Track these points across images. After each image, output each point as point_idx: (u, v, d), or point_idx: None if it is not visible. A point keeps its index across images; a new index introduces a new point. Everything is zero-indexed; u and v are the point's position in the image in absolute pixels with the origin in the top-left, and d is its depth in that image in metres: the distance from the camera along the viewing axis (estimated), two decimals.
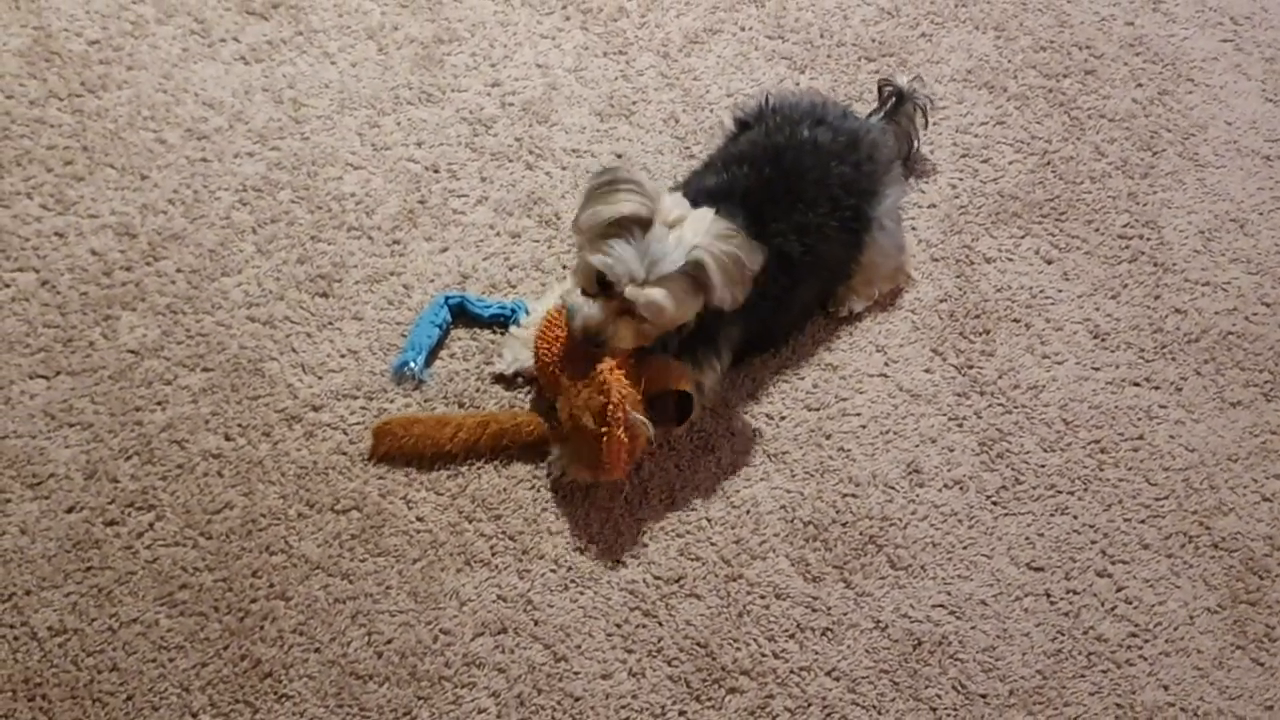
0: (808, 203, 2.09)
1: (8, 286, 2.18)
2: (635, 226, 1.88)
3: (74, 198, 2.29)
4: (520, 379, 2.15)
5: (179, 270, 2.22)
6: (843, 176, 2.14)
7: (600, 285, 1.92)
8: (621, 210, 1.87)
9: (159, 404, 2.08)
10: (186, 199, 2.31)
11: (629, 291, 1.88)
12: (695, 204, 1.95)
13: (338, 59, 2.53)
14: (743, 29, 2.67)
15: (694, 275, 1.89)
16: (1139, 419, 2.17)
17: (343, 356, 2.14)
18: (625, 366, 1.95)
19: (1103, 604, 1.98)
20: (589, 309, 1.93)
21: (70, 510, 1.97)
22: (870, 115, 2.39)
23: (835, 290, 2.26)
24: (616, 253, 1.87)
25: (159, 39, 2.53)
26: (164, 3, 2.58)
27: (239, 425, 2.06)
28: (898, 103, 2.39)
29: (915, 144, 2.43)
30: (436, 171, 2.39)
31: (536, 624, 1.91)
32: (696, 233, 1.89)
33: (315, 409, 2.08)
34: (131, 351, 2.13)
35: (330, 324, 2.18)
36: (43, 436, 2.03)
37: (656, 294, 1.88)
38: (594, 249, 1.90)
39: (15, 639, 1.85)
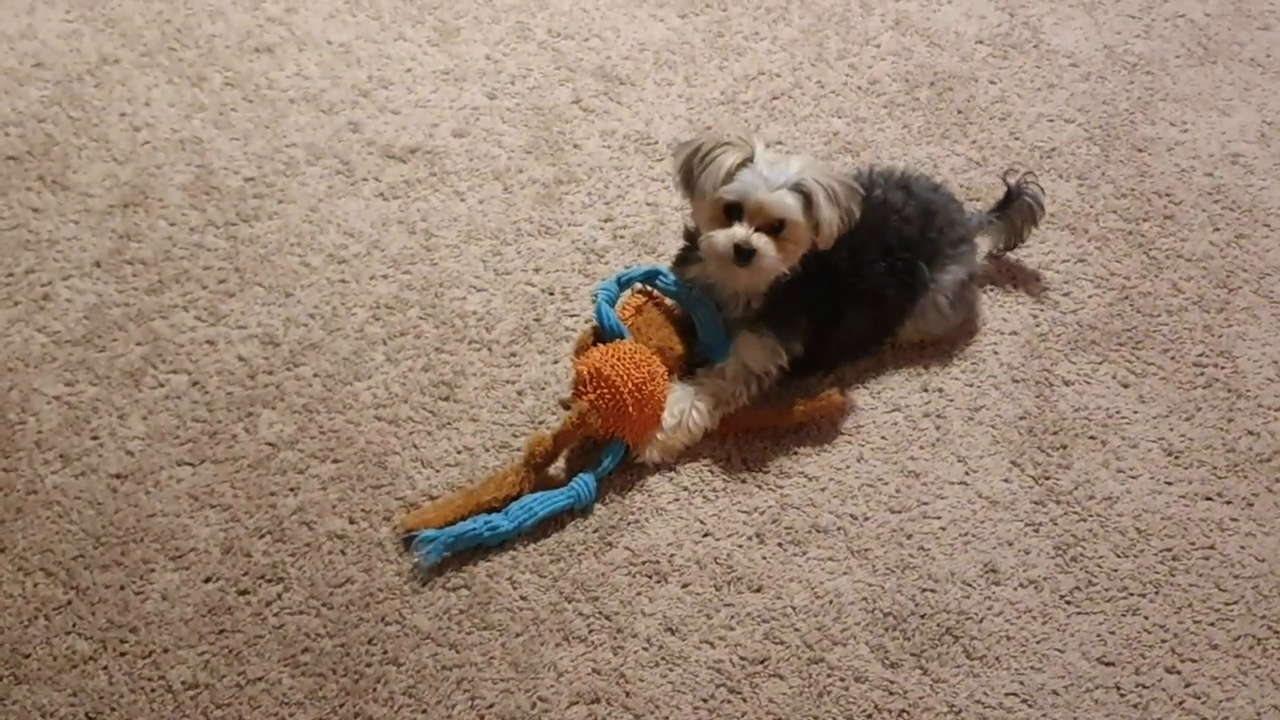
0: (860, 243, 2.33)
1: (162, 386, 2.42)
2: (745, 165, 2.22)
3: (225, 311, 2.54)
4: None
5: (316, 375, 2.44)
6: (902, 233, 2.40)
7: (729, 216, 2.24)
8: (730, 161, 2.21)
9: (291, 490, 2.27)
10: (325, 314, 2.55)
11: (763, 197, 2.19)
12: None
13: (467, 196, 2.78)
14: None
15: (805, 194, 2.19)
16: (1210, 530, 2.25)
17: (459, 453, 2.33)
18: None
19: (1171, 698, 2.05)
20: (734, 229, 2.22)
21: (207, 580, 2.16)
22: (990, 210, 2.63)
23: (894, 329, 2.48)
24: (742, 178, 2.20)
25: (308, 177, 2.81)
26: (314, 147, 2.87)
27: (363, 510, 2.25)
28: (1007, 199, 2.58)
29: (1024, 238, 2.62)
30: (552, 294, 2.60)
31: (628, 695, 2.04)
32: (800, 162, 2.22)
33: (431, 498, 2.26)
34: (270, 444, 2.34)
35: (449, 424, 2.37)
36: (186, 515, 2.24)
37: (786, 195, 2.19)
38: (716, 194, 2.23)
39: (152, 691, 2.03)
